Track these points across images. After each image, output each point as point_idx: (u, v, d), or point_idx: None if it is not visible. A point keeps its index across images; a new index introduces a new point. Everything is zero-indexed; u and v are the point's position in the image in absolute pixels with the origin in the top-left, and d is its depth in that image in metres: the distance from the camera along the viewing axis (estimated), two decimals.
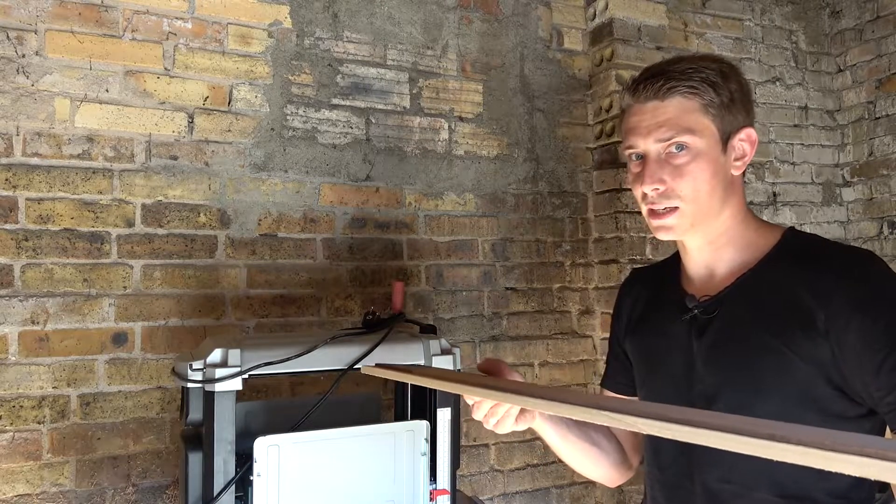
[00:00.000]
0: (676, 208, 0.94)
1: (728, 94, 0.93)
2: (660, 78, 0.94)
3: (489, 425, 0.99)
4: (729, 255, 0.98)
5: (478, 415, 0.99)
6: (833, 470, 0.50)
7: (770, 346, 0.89)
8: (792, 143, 2.81)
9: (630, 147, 0.98)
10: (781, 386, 0.88)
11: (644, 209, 0.98)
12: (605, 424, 0.70)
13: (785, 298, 0.90)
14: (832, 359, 0.85)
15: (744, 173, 0.99)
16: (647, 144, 0.94)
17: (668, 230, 0.96)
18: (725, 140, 0.94)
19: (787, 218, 2.74)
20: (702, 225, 0.96)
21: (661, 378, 1.03)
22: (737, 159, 0.96)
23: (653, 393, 1.06)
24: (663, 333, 1.04)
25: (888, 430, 0.89)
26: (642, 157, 0.97)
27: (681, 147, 0.93)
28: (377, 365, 1.07)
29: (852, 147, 2.85)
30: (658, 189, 0.94)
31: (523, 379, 1.05)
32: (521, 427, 1.01)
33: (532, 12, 2.41)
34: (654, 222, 0.96)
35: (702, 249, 1.00)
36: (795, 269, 0.91)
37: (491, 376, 1.01)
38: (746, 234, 0.98)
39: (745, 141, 0.96)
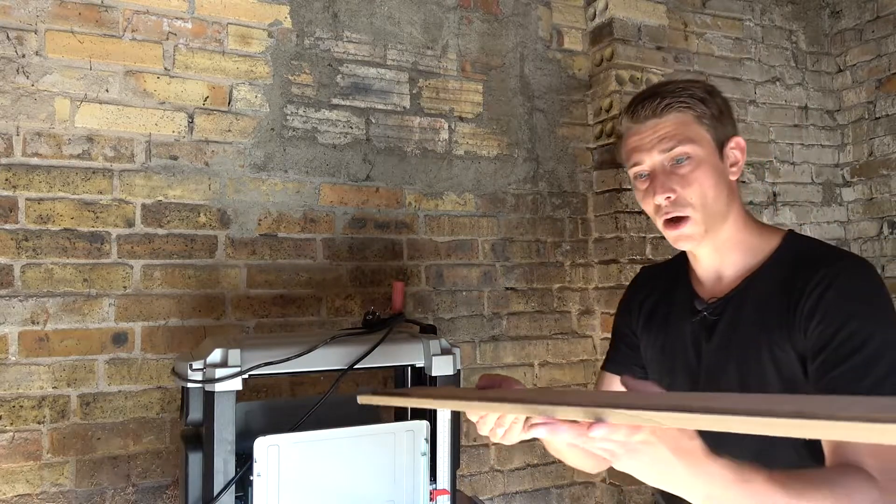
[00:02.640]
0: (688, 217, 1.00)
1: (717, 107, 1.02)
2: (655, 98, 1.01)
3: (497, 437, 0.95)
4: (734, 259, 1.04)
5: (483, 429, 0.94)
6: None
7: (762, 346, 0.95)
8: (792, 143, 2.80)
9: (635, 164, 1.04)
10: (769, 385, 0.94)
11: (660, 222, 1.04)
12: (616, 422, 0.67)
13: (778, 300, 0.96)
14: (805, 356, 0.91)
15: (738, 181, 1.06)
16: (652, 158, 1.01)
17: (686, 239, 1.02)
18: (720, 148, 1.02)
19: (787, 218, 2.74)
20: (713, 231, 1.02)
21: (679, 378, 1.08)
22: (732, 165, 1.03)
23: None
24: (676, 332, 1.10)
25: None
26: (648, 175, 1.03)
27: (682, 158, 0.99)
28: (373, 392, 1.04)
29: (852, 147, 2.85)
30: (670, 197, 1.00)
31: (523, 385, 1.03)
32: (530, 435, 0.99)
33: (532, 12, 2.41)
34: (672, 233, 1.02)
35: (710, 255, 1.06)
36: (790, 271, 0.97)
37: (491, 389, 0.97)
38: (749, 239, 1.04)
39: (735, 149, 1.04)
